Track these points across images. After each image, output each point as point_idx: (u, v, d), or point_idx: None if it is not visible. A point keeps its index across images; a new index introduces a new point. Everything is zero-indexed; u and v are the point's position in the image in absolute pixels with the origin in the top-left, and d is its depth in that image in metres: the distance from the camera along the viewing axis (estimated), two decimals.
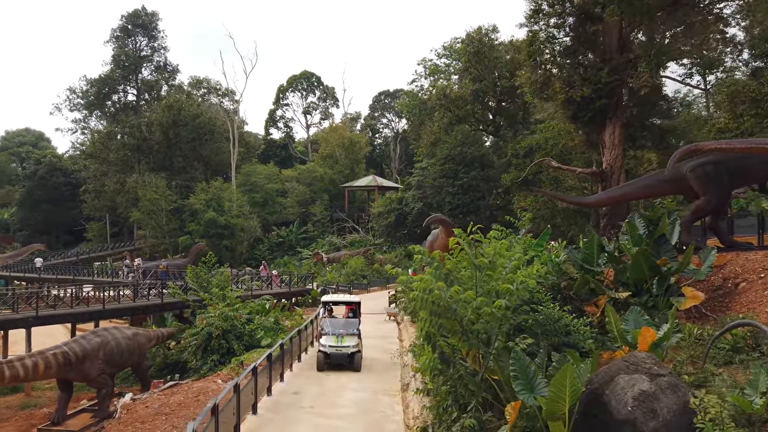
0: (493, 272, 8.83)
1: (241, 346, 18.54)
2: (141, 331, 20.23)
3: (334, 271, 41.61)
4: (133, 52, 66.04)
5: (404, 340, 20.25)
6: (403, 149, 73.01)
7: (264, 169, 63.79)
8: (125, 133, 62.71)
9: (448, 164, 42.35)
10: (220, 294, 20.98)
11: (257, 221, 55.91)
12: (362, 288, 37.26)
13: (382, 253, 43.30)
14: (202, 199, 53.77)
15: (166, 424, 11.41)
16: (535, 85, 20.05)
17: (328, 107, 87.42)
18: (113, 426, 12.32)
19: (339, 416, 11.34)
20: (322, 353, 15.22)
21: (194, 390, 13.78)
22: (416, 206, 44.35)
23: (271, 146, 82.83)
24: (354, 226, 55.39)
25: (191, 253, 47.27)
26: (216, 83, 78.43)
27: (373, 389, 13.47)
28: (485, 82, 43.54)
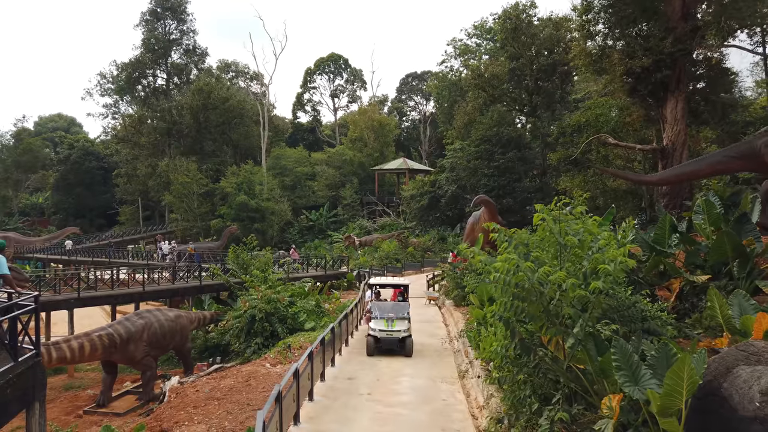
0: (582, 251, 8.04)
1: (285, 330, 18.15)
2: (183, 313, 20.00)
3: (367, 254, 41.13)
4: (163, 35, 65.99)
5: (449, 324, 19.61)
6: (432, 132, 71.78)
7: (293, 153, 63.47)
8: (156, 117, 62.92)
9: (484, 145, 41.26)
10: (262, 276, 20.59)
11: (287, 205, 55.73)
12: (396, 271, 36.64)
13: (416, 237, 42.57)
14: (233, 183, 53.73)
15: (219, 409, 10.99)
16: (590, 57, 18.92)
17: (356, 90, 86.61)
18: (164, 410, 11.97)
19: (400, 404, 10.76)
20: (372, 337, 14.67)
21: (243, 374, 13.37)
22: (450, 189, 43.44)
23: (299, 130, 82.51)
24: (384, 209, 54.73)
25: (223, 236, 47.36)
26: (244, 66, 78.35)
27: (429, 376, 12.86)
28: (522, 60, 42.16)
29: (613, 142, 20.03)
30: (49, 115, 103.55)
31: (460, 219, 44.63)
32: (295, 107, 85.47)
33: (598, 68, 19.51)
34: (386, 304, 15.54)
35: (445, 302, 23.33)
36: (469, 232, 25.38)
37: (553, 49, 43.04)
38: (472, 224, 25.47)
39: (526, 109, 43.79)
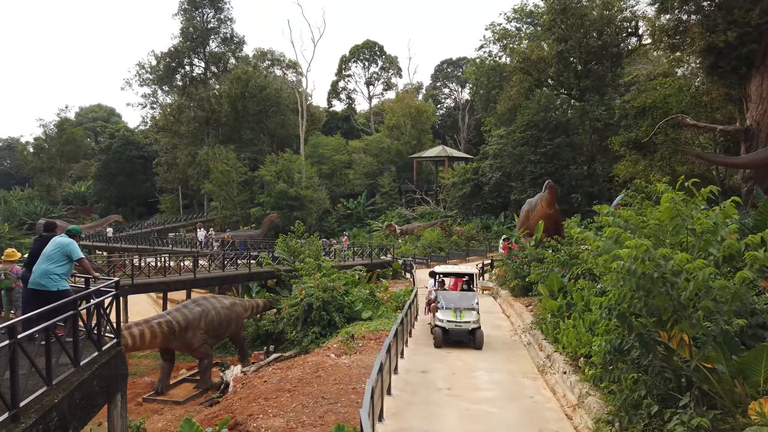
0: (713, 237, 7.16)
1: (342, 319, 17.63)
2: (238, 300, 19.72)
3: (408, 243, 40.49)
4: (201, 24, 66.10)
5: (510, 316, 18.82)
6: (471, 118, 70.39)
7: (331, 141, 63.05)
8: (195, 106, 63.23)
9: (530, 131, 39.98)
10: (315, 264, 20.11)
11: (325, 193, 55.43)
12: (440, 260, 35.90)
13: (459, 225, 41.68)
14: (272, 171, 53.63)
15: (293, 402, 10.50)
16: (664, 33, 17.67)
17: (391, 77, 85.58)
18: (234, 401, 11.56)
19: (485, 400, 10.09)
20: (439, 329, 14.01)
21: (310, 365, 12.87)
22: (494, 176, 42.35)
23: (333, 118, 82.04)
24: (424, 197, 53.89)
25: (263, 224, 47.34)
26: (280, 55, 78.06)
27: (506, 370, 12.14)
28: (570, 43, 40.53)
29: (691, 122, 18.76)
30: (89, 105, 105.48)
31: (504, 207, 43.56)
32: (330, 95, 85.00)
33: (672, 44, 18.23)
34: (452, 293, 14.84)
35: (500, 292, 22.52)
36: (524, 220, 24.38)
37: (603, 30, 41.30)
38: (527, 211, 24.46)
39: (574, 93, 42.21)
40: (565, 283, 15.48)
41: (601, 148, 41.77)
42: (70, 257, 8.05)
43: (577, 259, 16.09)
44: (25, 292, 8.43)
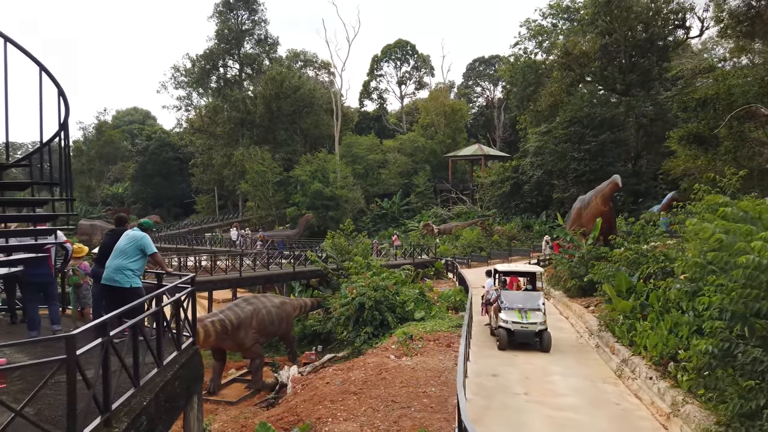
0: None
1: (395, 319, 17.13)
2: (287, 299, 19.41)
3: (447, 242, 39.80)
4: (235, 26, 66.59)
5: (569, 317, 18.03)
6: (506, 117, 69.27)
7: (365, 140, 62.75)
8: (230, 108, 63.71)
9: (573, 127, 38.91)
10: (365, 263, 19.67)
11: (360, 192, 55.14)
12: (481, 260, 35.15)
13: (499, 225, 40.79)
14: (307, 171, 53.58)
15: (361, 405, 10.02)
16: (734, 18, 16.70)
17: (423, 76, 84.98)
18: (297, 403, 11.14)
19: (569, 407, 9.43)
20: (504, 330, 13.37)
21: (372, 366, 12.38)
22: (535, 174, 41.34)
23: (365, 118, 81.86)
24: (460, 196, 53.08)
25: (300, 224, 47.29)
26: (312, 55, 78.23)
27: (581, 375, 11.44)
28: (615, 36, 39.36)
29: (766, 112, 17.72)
30: (126, 108, 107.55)
31: (546, 206, 42.52)
32: (361, 95, 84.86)
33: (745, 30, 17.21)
34: (516, 293, 14.18)
35: (552, 293, 21.71)
36: (576, 218, 23.50)
37: (649, 22, 40.05)
38: (579, 209, 23.57)
39: (619, 88, 40.94)
40: (633, 282, 14.69)
41: (647, 145, 40.45)
42: (144, 252, 7.72)
43: (646, 258, 15.30)
44: (96, 288, 8.15)
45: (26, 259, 7.05)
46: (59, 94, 5.94)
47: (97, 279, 8.01)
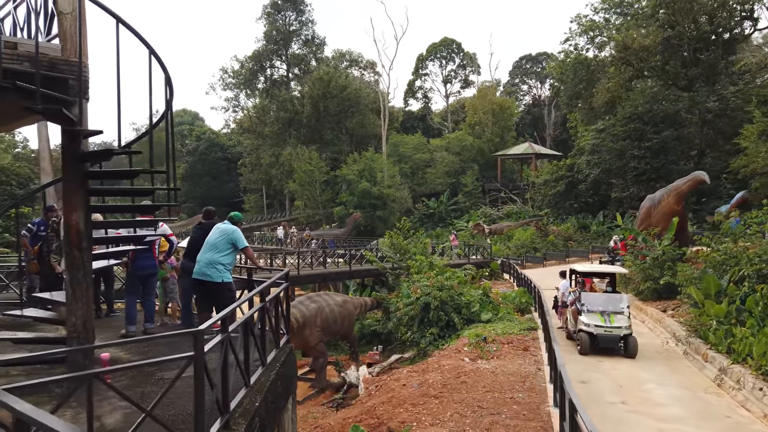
0: None
1: (461, 320, 16.59)
2: (348, 298, 19.15)
3: (498, 242, 38.91)
4: (283, 27, 67.25)
5: (645, 321, 17.10)
6: (557, 115, 67.64)
7: (412, 139, 62.31)
8: (277, 108, 64.37)
9: (633, 124, 37.40)
10: (427, 262, 19.21)
11: (407, 192, 54.72)
12: (537, 261, 34.18)
13: (555, 225, 39.61)
14: (354, 170, 53.49)
15: (446, 410, 9.56)
16: None
17: (469, 75, 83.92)
18: (375, 405, 10.78)
19: (675, 419, 8.74)
20: (586, 334, 12.68)
21: (448, 369, 11.91)
22: (592, 173, 39.96)
23: (409, 118, 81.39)
24: (511, 196, 51.97)
25: (348, 223, 47.20)
26: (358, 55, 78.33)
27: (677, 383, 10.67)
28: (678, 29, 37.67)
29: None
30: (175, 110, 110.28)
31: (603, 206, 41.09)
32: (406, 95, 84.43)
33: None
34: (597, 295, 13.45)
35: None
36: (645, 217, 22.44)
37: (714, 13, 38.17)
38: (648, 208, 22.50)
39: (682, 83, 39.17)
40: (723, 285, 13.75)
41: (711, 142, 38.57)
42: (235, 246, 7.48)
43: (736, 258, 14.32)
44: (186, 282, 7.98)
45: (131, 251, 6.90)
46: (166, 81, 5.72)
47: (187, 273, 7.83)
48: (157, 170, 6.05)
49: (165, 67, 5.53)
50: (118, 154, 5.62)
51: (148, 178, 6.24)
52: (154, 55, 5.44)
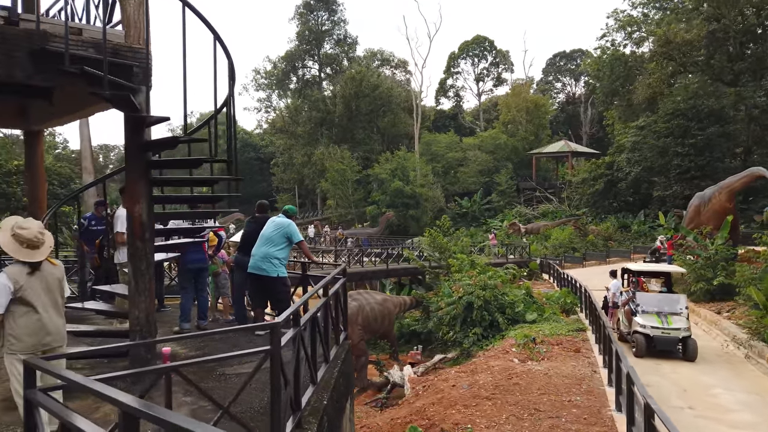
0: None
1: (505, 320, 16.17)
2: (388, 297, 18.90)
3: (536, 242, 38.16)
4: (315, 27, 67.48)
5: (698, 323, 16.38)
6: (593, 112, 66.23)
7: (444, 138, 61.84)
8: (310, 108, 64.63)
9: (676, 120, 36.23)
10: (468, 260, 18.84)
11: (440, 191, 54.30)
12: (576, 261, 33.36)
13: (594, 224, 38.65)
14: (387, 169, 53.30)
15: (501, 412, 9.22)
16: None
17: (501, 73, 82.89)
18: (425, 406, 10.50)
19: (748, 425, 8.25)
20: (642, 336, 12.16)
21: (498, 370, 11.55)
22: (632, 171, 38.86)
23: (440, 116, 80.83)
24: (547, 195, 51.02)
25: (381, 222, 47.02)
26: (389, 54, 78.13)
27: (744, 388, 10.12)
28: (724, 22, 36.33)
29: None
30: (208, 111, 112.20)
31: (643, 205, 39.96)
32: (438, 93, 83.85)
33: None
34: (652, 296, 12.91)
35: None
36: (694, 216, 21.60)
37: (761, 5, 36.69)
38: (698, 206, 21.65)
39: (728, 77, 37.79)
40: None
41: (759, 138, 37.13)
42: (290, 240, 7.30)
43: None
44: (240, 277, 7.85)
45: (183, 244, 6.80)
46: (229, 67, 5.56)
47: (241, 268, 7.69)
48: (221, 159, 5.88)
49: (229, 53, 5.37)
50: (184, 142, 5.50)
51: (205, 168, 6.10)
52: (219, 41, 5.29)
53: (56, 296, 4.16)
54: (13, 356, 3.99)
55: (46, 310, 4.07)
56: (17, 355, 3.97)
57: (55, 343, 4.13)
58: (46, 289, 4.09)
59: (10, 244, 3.99)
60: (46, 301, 4.08)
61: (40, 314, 4.02)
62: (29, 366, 2.99)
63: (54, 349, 4.13)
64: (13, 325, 3.99)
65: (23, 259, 4.02)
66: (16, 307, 3.99)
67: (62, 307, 4.22)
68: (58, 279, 4.20)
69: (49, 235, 4.14)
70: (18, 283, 3.97)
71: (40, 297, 4.04)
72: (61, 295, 4.22)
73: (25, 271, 4.02)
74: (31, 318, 4.00)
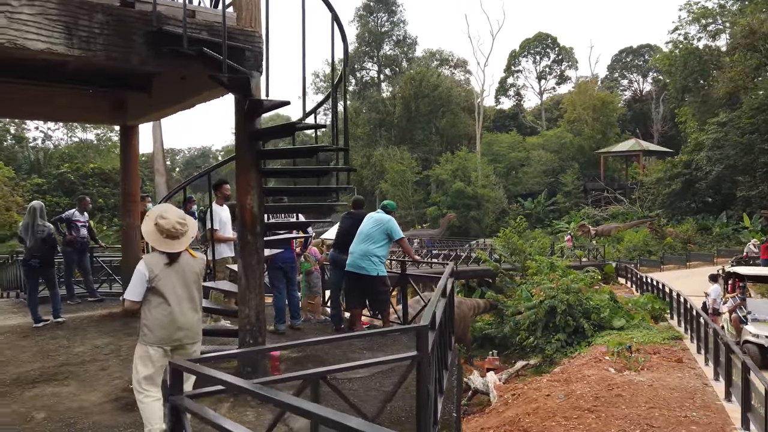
0: None
1: (590, 326, 15.25)
2: (462, 299, 18.30)
3: (607, 244, 36.43)
4: (375, 28, 67.55)
5: None
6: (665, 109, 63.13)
7: (506, 138, 60.47)
8: (369, 109, 64.72)
9: (763, 115, 33.75)
10: (548, 262, 17.98)
11: (502, 192, 53.03)
12: (652, 265, 31.56)
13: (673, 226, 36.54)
14: (447, 170, 52.55)
15: (607, 426, 8.49)
16: None
17: (565, 70, 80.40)
18: (518, 416, 9.87)
19: None
20: (755, 346, 11.06)
21: (595, 380, 10.76)
22: (713, 170, 36.47)
23: (500, 116, 79.20)
24: (617, 196, 48.83)
25: (442, 223, 46.31)
26: (448, 54, 77.26)
27: None
28: None
29: None
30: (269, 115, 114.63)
31: (725, 205, 37.49)
32: (497, 93, 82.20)
33: None
34: (765, 302, 11.74)
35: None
36: None
37: None
38: None
39: None
40: None
41: None
42: (390, 236, 6.91)
43: None
44: (335, 275, 7.52)
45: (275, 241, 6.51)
46: (345, 50, 5.21)
47: (337, 266, 7.36)
48: (339, 147, 5.52)
49: (344, 34, 5.01)
50: (301, 129, 5.17)
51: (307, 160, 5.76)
52: (337, 21, 4.94)
53: (192, 290, 3.88)
54: (144, 346, 3.78)
55: (180, 303, 3.80)
56: (148, 346, 3.76)
57: (187, 340, 3.85)
58: (182, 281, 3.83)
59: (153, 233, 3.77)
60: (181, 294, 3.81)
61: (172, 308, 3.76)
62: (177, 369, 2.66)
63: (185, 345, 3.86)
64: (148, 315, 3.79)
65: (162, 249, 3.79)
66: (152, 297, 3.78)
67: (199, 302, 3.93)
68: (197, 273, 3.93)
69: (191, 225, 3.88)
70: (153, 272, 3.75)
71: (175, 289, 3.78)
72: (198, 290, 3.93)
73: (163, 261, 3.78)
74: (164, 311, 3.76)
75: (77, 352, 6.36)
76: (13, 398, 4.82)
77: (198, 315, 3.94)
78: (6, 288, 13.48)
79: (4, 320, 8.32)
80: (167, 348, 3.77)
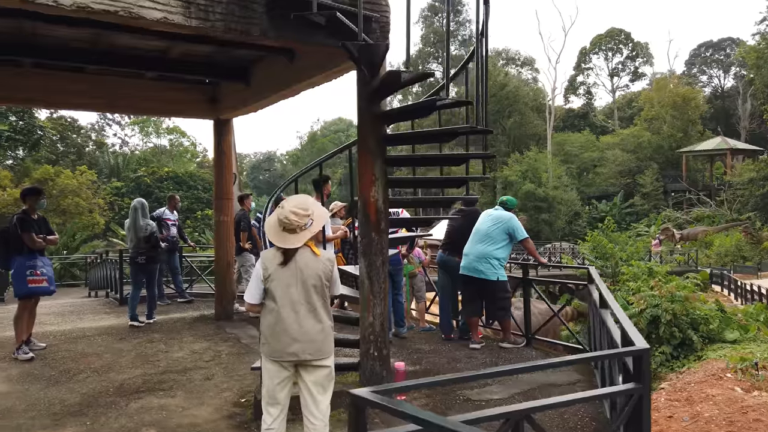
0: None
1: (699, 338, 13.78)
2: None
3: (695, 249, 33.95)
4: (440, 29, 66.80)
5: None
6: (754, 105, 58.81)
7: (578, 138, 58.05)
8: None
9: None
10: (645, 268, 16.59)
11: (575, 193, 50.80)
12: (747, 272, 29.06)
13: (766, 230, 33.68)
14: (516, 171, 50.91)
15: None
16: None
17: (639, 66, 76.61)
18: None
19: None
20: None
21: (722, 400, 9.46)
22: None
23: (569, 115, 76.37)
24: (701, 197, 45.65)
25: None
26: (515, 53, 75.30)
27: None
28: None
29: None
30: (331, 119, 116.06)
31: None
32: (567, 91, 79.37)
33: None
34: None
35: None
36: None
37: None
38: None
39: None
40: None
41: None
42: (512, 236, 6.14)
43: None
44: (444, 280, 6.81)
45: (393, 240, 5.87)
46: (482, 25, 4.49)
47: (448, 269, 6.65)
48: (485, 129, 4.80)
49: None
50: (446, 107, 4.51)
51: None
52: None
53: (312, 295, 3.15)
54: (263, 356, 3.21)
55: (295, 309, 3.11)
56: (265, 358, 3.19)
57: (305, 355, 3.11)
58: (298, 284, 3.13)
59: (272, 224, 3.15)
60: (297, 298, 3.12)
61: (283, 314, 3.10)
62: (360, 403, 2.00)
63: (305, 363, 3.14)
64: (263, 322, 3.20)
65: (276, 243, 3.15)
66: (266, 300, 3.18)
67: (322, 309, 3.20)
68: (318, 274, 3.18)
69: (317, 218, 3.18)
70: (267, 270, 3.13)
71: (288, 292, 3.11)
72: (320, 294, 3.20)
73: (278, 258, 3.14)
74: (275, 317, 3.13)
75: (177, 357, 5.96)
76: (119, 410, 4.40)
77: (321, 325, 3.20)
78: (94, 287, 13.64)
79: (98, 321, 8.15)
80: (284, 363, 3.14)
